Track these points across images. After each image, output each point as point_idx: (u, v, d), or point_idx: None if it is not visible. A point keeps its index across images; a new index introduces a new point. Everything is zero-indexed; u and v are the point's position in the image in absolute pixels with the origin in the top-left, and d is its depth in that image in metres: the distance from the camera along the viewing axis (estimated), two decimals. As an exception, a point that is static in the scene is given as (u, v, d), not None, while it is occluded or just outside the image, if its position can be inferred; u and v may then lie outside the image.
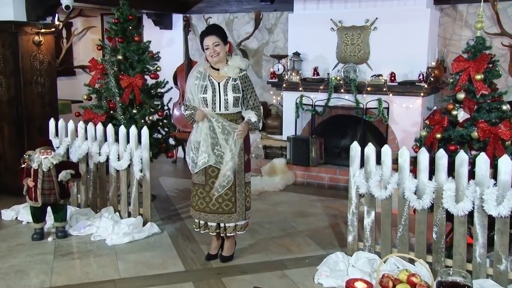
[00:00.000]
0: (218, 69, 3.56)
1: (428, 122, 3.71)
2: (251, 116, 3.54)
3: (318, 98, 6.04)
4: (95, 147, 4.73)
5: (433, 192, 3.38)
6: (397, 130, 5.74)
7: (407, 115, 5.65)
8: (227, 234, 3.68)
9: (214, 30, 3.57)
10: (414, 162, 3.51)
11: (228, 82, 3.51)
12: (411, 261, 3.53)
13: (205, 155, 3.53)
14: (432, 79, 5.47)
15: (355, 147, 3.74)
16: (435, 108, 3.84)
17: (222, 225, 3.66)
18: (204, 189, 3.63)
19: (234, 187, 3.57)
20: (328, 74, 6.12)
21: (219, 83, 3.51)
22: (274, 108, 6.96)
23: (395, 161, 3.56)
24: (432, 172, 3.41)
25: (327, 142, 6.30)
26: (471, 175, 3.30)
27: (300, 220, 4.80)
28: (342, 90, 5.87)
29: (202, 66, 3.63)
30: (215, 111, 3.49)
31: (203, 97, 3.51)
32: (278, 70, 6.51)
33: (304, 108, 6.14)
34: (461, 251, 3.34)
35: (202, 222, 3.71)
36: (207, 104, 3.50)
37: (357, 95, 5.78)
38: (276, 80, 6.40)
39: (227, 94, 3.48)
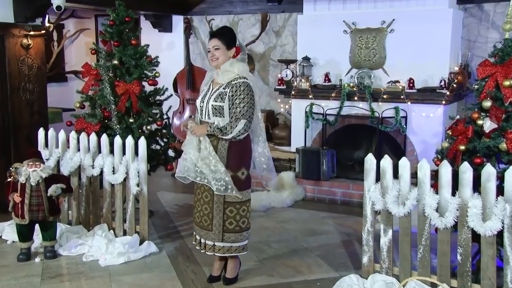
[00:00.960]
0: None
1: (450, 133, 3.69)
2: (220, 120, 3.47)
3: (329, 106, 6.03)
4: (88, 159, 4.73)
5: (457, 210, 3.34)
6: (416, 141, 5.73)
7: (427, 124, 5.64)
8: (206, 252, 3.66)
9: (217, 32, 3.61)
10: (435, 176, 3.48)
11: (218, 89, 3.53)
12: (433, 286, 3.48)
13: (185, 163, 3.57)
14: (454, 85, 5.45)
15: (370, 159, 3.72)
16: (458, 117, 3.82)
17: (202, 241, 3.66)
18: (199, 202, 3.68)
19: (212, 203, 3.57)
20: (341, 80, 6.12)
21: (213, 90, 3.57)
22: (282, 117, 6.98)
23: (414, 175, 3.55)
24: (455, 188, 3.38)
25: (340, 154, 6.29)
26: (500, 190, 3.26)
27: (311, 239, 4.78)
28: (355, 98, 5.86)
29: (210, 71, 3.73)
30: (202, 118, 3.57)
31: (198, 102, 3.62)
32: (286, 76, 6.53)
33: (314, 117, 6.15)
34: (490, 275, 3.29)
35: (197, 237, 3.74)
36: (197, 112, 3.61)
37: (372, 103, 5.78)
38: (284, 87, 6.42)
39: (208, 102, 3.53)
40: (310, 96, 6.13)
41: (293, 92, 6.26)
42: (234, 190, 3.51)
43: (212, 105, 3.50)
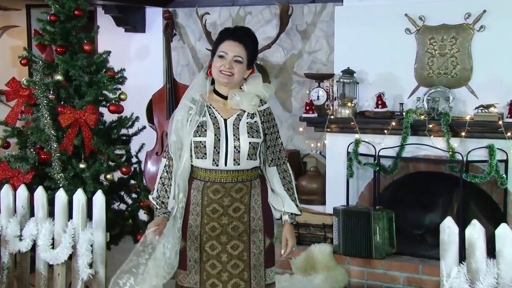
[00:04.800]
0: (225, 97, 3.62)
1: None
2: (285, 201, 3.66)
3: (384, 144, 6.00)
4: (13, 226, 4.67)
5: None
6: (524, 198, 5.69)
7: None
8: None
9: (243, 36, 3.62)
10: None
11: (240, 119, 3.58)
12: None
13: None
14: None
15: (449, 227, 3.64)
16: None
17: None
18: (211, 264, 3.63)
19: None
20: (402, 104, 6.08)
21: (225, 120, 3.58)
22: (312, 160, 6.92)
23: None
24: None
25: (402, 218, 6.20)
26: None
27: None
28: (425, 132, 5.82)
29: (199, 88, 3.69)
30: (217, 166, 3.55)
31: (199, 143, 3.55)
32: (318, 98, 6.50)
33: (361, 162, 6.11)
34: None
35: None
36: (204, 156, 3.55)
37: (452, 139, 5.72)
38: (315, 114, 6.39)
39: (239, 139, 3.54)
40: (355, 129, 6.10)
41: (328, 123, 6.24)
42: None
43: (250, 143, 3.54)
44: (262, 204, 3.63)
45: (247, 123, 3.56)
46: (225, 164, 3.53)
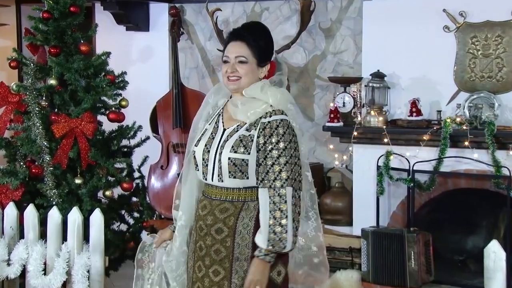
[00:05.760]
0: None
1: None
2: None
3: (420, 157, 5.98)
4: (0, 249, 4.67)
5: None
6: None
7: None
8: None
9: (245, 32, 3.63)
10: None
11: (237, 130, 3.59)
12: None
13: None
14: None
15: (494, 251, 3.65)
16: None
17: None
18: None
19: None
20: (439, 112, 6.07)
21: (225, 130, 3.63)
22: (337, 175, 6.95)
23: None
24: None
25: (440, 241, 6.19)
26: None
27: None
28: (466, 143, 5.79)
29: (224, 93, 3.77)
30: (206, 180, 3.62)
31: (193, 152, 3.66)
32: (344, 105, 6.51)
33: (393, 177, 6.10)
34: None
35: None
36: (197, 167, 3.64)
37: (498, 152, 5.69)
38: (341, 123, 6.42)
39: (221, 152, 3.54)
40: (386, 140, 6.10)
41: (355, 133, 6.25)
42: None
43: (230, 158, 3.47)
44: (254, 231, 3.52)
45: (239, 135, 3.53)
46: (212, 179, 3.55)
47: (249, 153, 3.46)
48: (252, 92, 3.54)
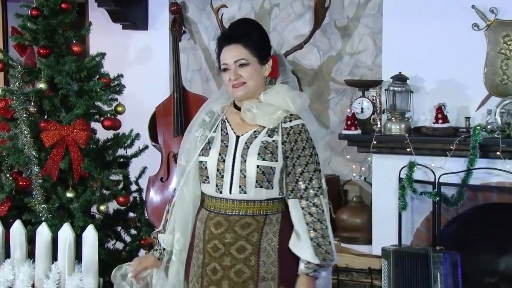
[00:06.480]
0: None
1: None
2: (303, 243, 3.53)
3: (446, 168, 5.98)
4: None
5: None
6: None
7: None
8: None
9: (239, 33, 3.64)
10: None
11: (256, 136, 3.61)
12: None
13: None
14: None
15: None
16: None
17: None
18: None
19: None
20: (468, 119, 6.05)
21: (238, 137, 3.63)
22: (354, 188, 6.96)
23: None
24: None
25: (469, 261, 6.12)
26: None
27: None
28: (498, 153, 5.77)
29: (222, 100, 3.79)
30: (221, 193, 3.59)
31: (201, 163, 3.64)
32: (362, 111, 6.51)
33: (417, 190, 6.09)
34: None
35: None
36: (206, 179, 3.62)
37: None
38: (359, 131, 6.42)
39: (245, 161, 3.56)
40: (409, 150, 6.09)
41: (375, 142, 6.25)
42: None
43: (259, 166, 3.52)
44: (279, 246, 3.57)
45: (262, 141, 3.57)
46: (230, 192, 3.54)
47: (276, 160, 3.52)
48: (271, 98, 3.58)
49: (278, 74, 3.70)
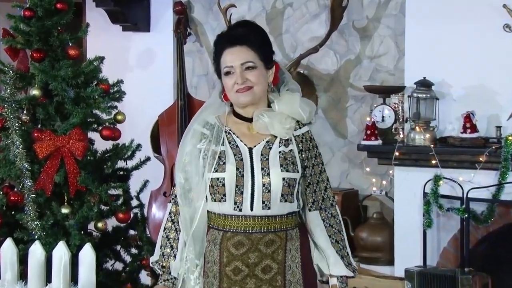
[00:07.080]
0: (249, 119, 3.68)
1: None
2: (330, 259, 3.63)
3: (475, 182, 5.96)
4: None
5: None
6: None
7: None
8: None
9: (242, 34, 3.67)
10: None
11: (271, 147, 3.61)
12: None
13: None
14: None
15: None
16: None
17: None
18: None
19: None
20: (499, 128, 6.04)
21: (251, 149, 3.62)
22: (375, 204, 6.95)
23: None
24: None
25: (501, 283, 6.15)
26: None
27: None
28: None
29: (213, 110, 3.78)
30: (240, 211, 3.57)
31: (216, 181, 3.59)
32: (383, 120, 6.51)
33: (443, 206, 6.06)
34: None
35: None
36: (223, 197, 3.58)
37: None
38: (379, 141, 6.42)
39: (269, 174, 3.55)
40: (434, 162, 6.08)
41: (397, 153, 6.26)
42: None
43: (284, 179, 3.54)
44: (301, 263, 3.62)
45: (280, 152, 3.58)
46: (251, 209, 3.52)
47: (298, 171, 3.57)
48: (284, 107, 3.61)
49: (279, 81, 3.71)
